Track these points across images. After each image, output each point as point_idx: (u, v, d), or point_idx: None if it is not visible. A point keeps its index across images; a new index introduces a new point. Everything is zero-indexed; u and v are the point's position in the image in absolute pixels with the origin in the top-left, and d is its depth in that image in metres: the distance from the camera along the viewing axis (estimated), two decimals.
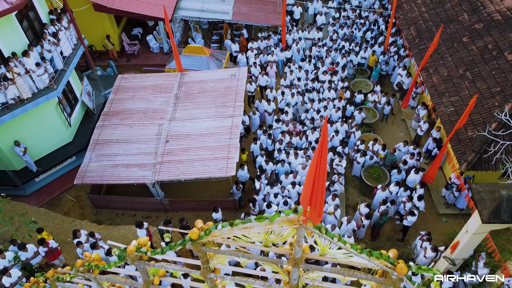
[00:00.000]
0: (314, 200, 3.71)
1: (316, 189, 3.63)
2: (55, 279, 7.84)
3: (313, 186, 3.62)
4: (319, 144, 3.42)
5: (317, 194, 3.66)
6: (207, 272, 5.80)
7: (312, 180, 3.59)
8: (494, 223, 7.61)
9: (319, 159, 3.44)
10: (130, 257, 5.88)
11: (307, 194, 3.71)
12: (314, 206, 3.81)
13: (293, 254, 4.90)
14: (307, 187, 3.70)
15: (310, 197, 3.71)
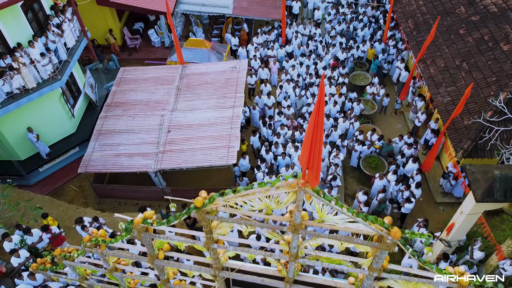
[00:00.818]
0: (311, 161, 3.95)
1: (314, 151, 3.86)
2: (62, 258, 8.08)
3: (310, 147, 3.85)
4: (315, 105, 3.66)
5: (314, 155, 3.90)
6: (210, 242, 6.05)
7: (309, 141, 3.83)
8: (487, 202, 7.86)
9: (316, 120, 3.67)
10: (136, 229, 6.13)
11: (305, 156, 3.95)
12: (311, 168, 4.05)
13: (293, 220, 5.15)
14: (305, 149, 3.94)
15: (308, 158, 3.95)
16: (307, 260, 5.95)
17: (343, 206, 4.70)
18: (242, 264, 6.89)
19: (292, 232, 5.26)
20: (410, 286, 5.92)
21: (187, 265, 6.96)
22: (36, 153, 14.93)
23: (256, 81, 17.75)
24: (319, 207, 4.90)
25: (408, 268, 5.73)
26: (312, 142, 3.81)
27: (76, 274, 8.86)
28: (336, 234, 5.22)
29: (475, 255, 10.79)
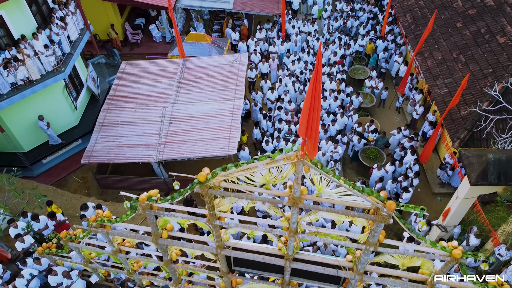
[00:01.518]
0: (309, 130, 4.17)
1: (312, 120, 4.08)
2: (68, 240, 8.31)
3: (308, 116, 4.07)
4: (313, 75, 3.87)
5: (312, 124, 4.12)
6: (213, 219, 6.28)
7: (307, 110, 4.05)
8: (482, 185, 8.07)
9: (314, 90, 3.89)
10: (141, 206, 6.35)
11: (304, 125, 4.17)
12: (310, 137, 4.26)
13: (292, 194, 5.37)
14: (303, 118, 4.15)
15: (306, 128, 4.16)
16: (306, 236, 6.17)
17: (340, 178, 4.92)
18: (243, 243, 7.12)
19: (291, 205, 5.48)
20: (405, 261, 6.15)
21: (189, 244, 7.18)
22: (39, 145, 15.15)
23: (256, 75, 17.96)
24: (317, 180, 5.12)
25: (403, 243, 5.95)
26: (310, 112, 4.02)
27: (81, 258, 9.08)
28: (333, 208, 5.44)
29: (471, 241, 11.01)
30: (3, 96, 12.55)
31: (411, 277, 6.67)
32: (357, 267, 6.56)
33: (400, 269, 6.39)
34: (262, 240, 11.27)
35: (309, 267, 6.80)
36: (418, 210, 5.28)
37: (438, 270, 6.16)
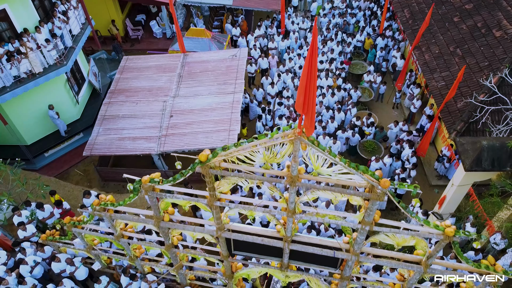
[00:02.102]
0: (306, 106, 4.35)
1: (308, 96, 4.26)
2: (71, 225, 8.50)
3: (305, 92, 4.25)
4: (309, 50, 4.05)
5: (309, 100, 4.30)
6: (213, 200, 6.47)
7: (304, 87, 4.23)
8: (476, 170, 8.26)
9: (310, 66, 4.07)
10: (144, 188, 6.54)
11: (301, 101, 4.35)
12: (306, 113, 4.45)
13: (290, 172, 5.56)
14: (300, 94, 4.33)
15: (303, 103, 4.35)
16: (304, 216, 6.36)
17: (335, 156, 5.10)
18: (243, 225, 7.32)
19: (289, 184, 5.66)
20: (400, 240, 6.34)
21: (190, 227, 7.36)
22: (41, 139, 15.34)
23: (256, 70, 18.15)
24: (314, 158, 5.31)
25: (398, 222, 6.13)
26: (307, 87, 4.20)
27: (84, 244, 9.26)
28: (330, 186, 5.62)
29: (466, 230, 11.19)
30: (6, 88, 12.73)
31: (406, 258, 6.86)
32: (354, 248, 6.75)
33: (395, 249, 6.58)
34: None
35: (307, 248, 6.99)
36: (412, 188, 5.47)
37: (432, 250, 6.35)
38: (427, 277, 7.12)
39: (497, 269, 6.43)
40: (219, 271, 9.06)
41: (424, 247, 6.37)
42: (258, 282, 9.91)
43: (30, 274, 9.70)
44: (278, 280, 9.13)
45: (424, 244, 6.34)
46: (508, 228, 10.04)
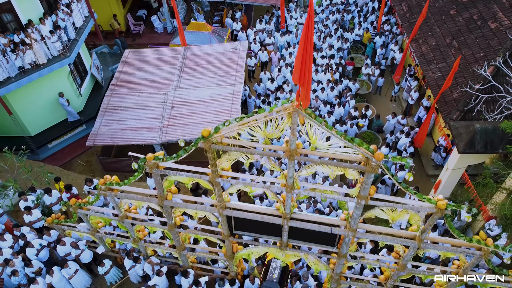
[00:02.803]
0: (303, 77, 4.61)
1: (304, 67, 4.51)
2: (77, 207, 8.76)
3: (301, 64, 4.50)
4: (305, 22, 4.30)
5: (305, 72, 4.55)
6: (215, 176, 6.73)
7: (301, 59, 4.48)
8: (469, 153, 8.51)
9: (306, 38, 4.32)
10: (148, 165, 6.80)
11: (297, 72, 4.60)
12: (303, 84, 4.71)
13: (289, 146, 5.82)
14: (296, 66, 4.59)
15: (299, 75, 4.61)
16: (302, 192, 6.62)
17: (332, 129, 5.36)
18: (243, 204, 7.58)
19: (288, 158, 5.92)
20: (394, 215, 6.60)
21: (193, 206, 7.62)
22: (45, 130, 15.59)
23: (256, 64, 18.41)
24: (312, 132, 5.56)
25: (392, 197, 6.39)
26: (303, 59, 4.46)
27: (89, 226, 9.52)
28: (326, 160, 5.88)
29: (462, 216, 11.46)
30: (11, 79, 12.98)
31: (401, 234, 7.12)
32: (350, 223, 7.00)
33: (390, 224, 6.84)
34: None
35: (305, 225, 7.24)
36: (405, 161, 5.73)
37: (425, 224, 6.61)
38: (422, 253, 7.37)
39: (488, 243, 6.69)
40: (220, 252, 9.32)
41: (418, 221, 6.63)
42: (256, 271, 10.09)
43: (36, 257, 9.95)
44: (277, 266, 9.33)
45: (418, 218, 6.60)
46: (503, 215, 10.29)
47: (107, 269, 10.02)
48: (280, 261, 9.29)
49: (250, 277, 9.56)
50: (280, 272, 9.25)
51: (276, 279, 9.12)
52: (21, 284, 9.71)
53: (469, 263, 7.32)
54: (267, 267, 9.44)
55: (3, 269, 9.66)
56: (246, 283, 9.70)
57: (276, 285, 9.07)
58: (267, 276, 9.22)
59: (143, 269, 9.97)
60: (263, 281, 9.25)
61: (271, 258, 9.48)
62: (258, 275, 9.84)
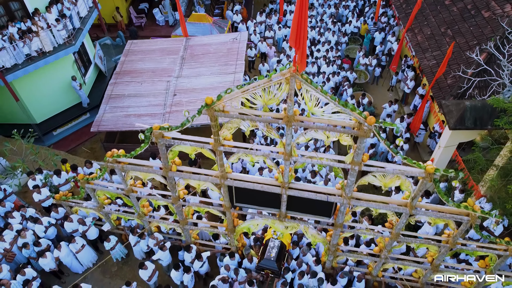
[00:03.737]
0: (298, 41, 5.00)
1: (300, 32, 4.91)
2: (85, 181, 9.16)
3: (297, 29, 4.90)
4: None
5: (300, 36, 4.95)
6: (217, 145, 7.13)
7: (296, 24, 4.88)
8: (459, 129, 8.90)
9: (301, 4, 4.72)
10: (154, 135, 7.20)
11: (293, 36, 5.00)
12: (298, 48, 5.11)
13: (286, 113, 6.22)
14: (293, 30, 4.98)
15: (295, 39, 5.00)
16: (300, 159, 7.02)
17: (326, 93, 5.76)
18: (243, 175, 7.98)
19: (286, 124, 6.32)
20: (387, 181, 7.00)
21: (196, 176, 8.02)
22: (50, 118, 15.99)
23: (256, 54, 18.82)
24: (308, 98, 5.96)
25: (384, 163, 6.79)
26: (299, 24, 4.86)
27: (95, 202, 9.92)
28: (322, 125, 6.27)
29: (456, 197, 11.85)
30: (18, 66, 13.39)
31: (393, 201, 7.52)
32: (345, 191, 7.40)
33: (383, 190, 7.25)
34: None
35: (302, 193, 7.64)
36: (395, 126, 6.13)
37: (416, 190, 7.01)
38: (413, 220, 7.75)
39: (475, 209, 7.09)
40: (222, 226, 9.71)
41: (409, 187, 7.03)
42: (253, 252, 10.33)
43: (45, 234, 10.35)
44: (274, 246, 9.61)
45: (408, 184, 7.00)
46: (493, 193, 10.69)
47: (113, 244, 10.40)
48: (278, 241, 9.66)
49: (248, 257, 9.82)
50: (277, 251, 9.47)
51: (273, 257, 9.34)
52: (30, 257, 10.12)
53: (458, 230, 7.72)
54: (265, 247, 9.71)
55: (13, 243, 10.05)
56: (244, 262, 10.00)
57: (273, 263, 9.32)
58: (265, 254, 9.46)
59: (147, 244, 10.36)
60: (261, 259, 9.51)
61: (269, 238, 9.83)
62: (255, 255, 10.08)
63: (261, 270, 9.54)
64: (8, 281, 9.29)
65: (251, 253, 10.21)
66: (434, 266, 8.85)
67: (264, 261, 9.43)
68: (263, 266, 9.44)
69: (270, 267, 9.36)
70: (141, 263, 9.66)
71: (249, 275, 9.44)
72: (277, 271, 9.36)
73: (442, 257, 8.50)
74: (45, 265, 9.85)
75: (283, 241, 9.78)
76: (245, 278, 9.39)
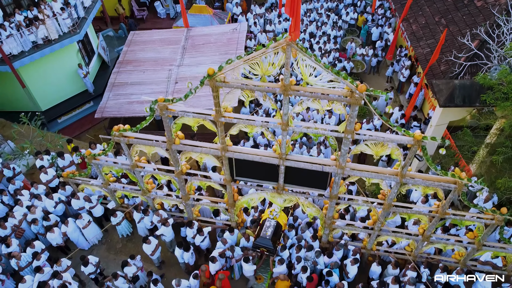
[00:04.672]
0: (293, 10, 5.43)
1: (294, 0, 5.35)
2: (92, 157, 9.60)
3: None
4: None
5: (295, 4, 5.38)
6: (219, 116, 7.57)
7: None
8: (449, 106, 9.33)
9: None
10: (159, 106, 7.64)
11: (288, 5, 5.44)
12: (293, 15, 5.54)
13: (283, 82, 6.65)
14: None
15: (290, 7, 5.44)
16: (296, 129, 7.45)
17: (320, 61, 6.19)
18: (243, 148, 8.42)
19: (283, 93, 6.76)
20: (378, 149, 7.43)
21: (198, 149, 8.45)
22: (54, 106, 16.43)
23: (255, 45, 19.24)
24: (303, 67, 6.39)
25: (373, 132, 7.22)
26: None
27: (101, 179, 10.35)
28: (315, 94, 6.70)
29: None
30: (24, 53, 13.83)
31: (384, 171, 7.96)
32: (339, 161, 7.84)
33: (374, 159, 7.68)
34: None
35: (299, 164, 8.07)
36: (385, 94, 6.56)
37: (406, 158, 7.44)
38: (404, 190, 8.18)
39: (461, 177, 7.53)
40: (222, 201, 10.15)
41: (399, 155, 7.46)
42: (249, 231, 10.65)
43: (54, 209, 10.78)
44: (270, 225, 9.92)
45: (399, 152, 7.44)
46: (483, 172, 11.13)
47: (119, 220, 10.83)
48: (274, 221, 9.96)
49: (245, 236, 10.17)
50: (273, 231, 9.75)
51: (269, 236, 9.62)
52: (39, 233, 10.55)
53: (447, 199, 8.15)
54: (261, 226, 9.99)
55: (22, 220, 10.48)
56: (242, 241, 10.35)
57: (268, 241, 9.60)
58: (261, 233, 9.77)
59: (151, 221, 10.79)
60: (257, 237, 9.79)
61: (265, 219, 10.18)
62: (252, 234, 10.38)
63: (257, 248, 9.81)
64: (19, 253, 9.72)
65: (248, 232, 10.46)
66: (426, 237, 9.28)
67: (260, 239, 9.70)
68: (259, 244, 9.70)
69: (266, 245, 9.63)
70: (145, 238, 10.08)
71: (245, 252, 9.79)
72: (272, 249, 9.62)
73: (433, 227, 8.93)
74: (52, 239, 10.28)
75: (279, 221, 10.05)
76: (241, 256, 9.77)
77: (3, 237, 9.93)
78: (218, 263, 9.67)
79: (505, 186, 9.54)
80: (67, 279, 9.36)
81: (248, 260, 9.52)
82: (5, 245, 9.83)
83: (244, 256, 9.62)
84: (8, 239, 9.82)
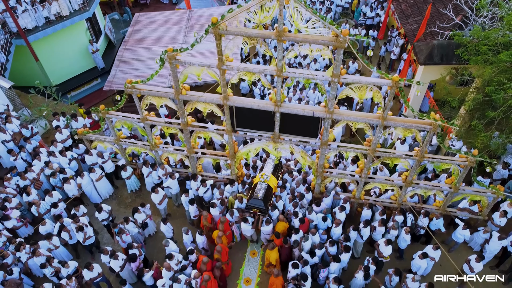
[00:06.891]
0: None
1: None
2: (106, 111, 10.59)
3: None
4: None
5: None
6: (221, 64, 8.56)
7: None
8: (429, 64, 10.32)
9: None
10: (168, 56, 8.63)
11: None
12: None
13: (277, 28, 7.65)
14: None
15: None
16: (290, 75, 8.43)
17: (309, 7, 7.19)
18: (242, 98, 9.40)
19: (277, 39, 7.75)
20: (361, 92, 8.43)
21: (202, 98, 9.45)
22: (64, 81, 17.41)
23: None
24: (294, 13, 7.38)
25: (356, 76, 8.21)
26: None
27: (113, 134, 11.33)
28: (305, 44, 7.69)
29: (433, 141, 13.29)
30: (38, 28, 14.81)
31: (368, 116, 8.95)
32: (328, 106, 8.83)
33: (358, 102, 8.67)
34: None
35: (292, 110, 9.06)
36: (366, 38, 7.55)
37: (386, 101, 8.43)
38: (386, 135, 9.17)
39: (436, 118, 8.52)
40: (223, 154, 11.13)
41: (380, 98, 8.45)
42: (241, 194, 11.22)
43: (68, 166, 11.76)
44: (261, 188, 10.59)
45: (380, 95, 8.43)
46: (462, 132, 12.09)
47: (129, 174, 11.82)
48: (265, 183, 10.55)
49: (239, 198, 10.87)
50: (264, 192, 10.36)
51: (260, 197, 10.25)
52: (56, 186, 11.53)
53: (424, 142, 9.14)
54: (253, 189, 10.61)
55: (40, 173, 11.45)
56: (236, 203, 11.04)
57: (260, 202, 10.25)
58: (253, 195, 10.39)
59: (158, 175, 11.77)
60: (250, 199, 10.41)
61: (257, 182, 10.75)
62: (245, 196, 11.19)
63: (249, 209, 10.43)
64: (38, 201, 10.71)
65: (240, 195, 11.12)
66: (408, 183, 10.27)
67: (252, 200, 10.29)
68: (251, 205, 10.33)
69: (258, 206, 10.27)
70: (153, 188, 11.05)
71: (241, 214, 10.56)
72: (263, 209, 10.24)
73: (413, 172, 9.92)
74: (69, 190, 11.26)
75: (270, 184, 10.63)
76: (239, 218, 10.63)
77: (24, 187, 10.92)
78: (217, 208, 10.65)
79: (482, 144, 10.45)
80: (84, 221, 10.34)
81: (246, 220, 10.22)
82: (26, 193, 10.81)
83: (242, 217, 10.35)
84: (28, 188, 10.80)
